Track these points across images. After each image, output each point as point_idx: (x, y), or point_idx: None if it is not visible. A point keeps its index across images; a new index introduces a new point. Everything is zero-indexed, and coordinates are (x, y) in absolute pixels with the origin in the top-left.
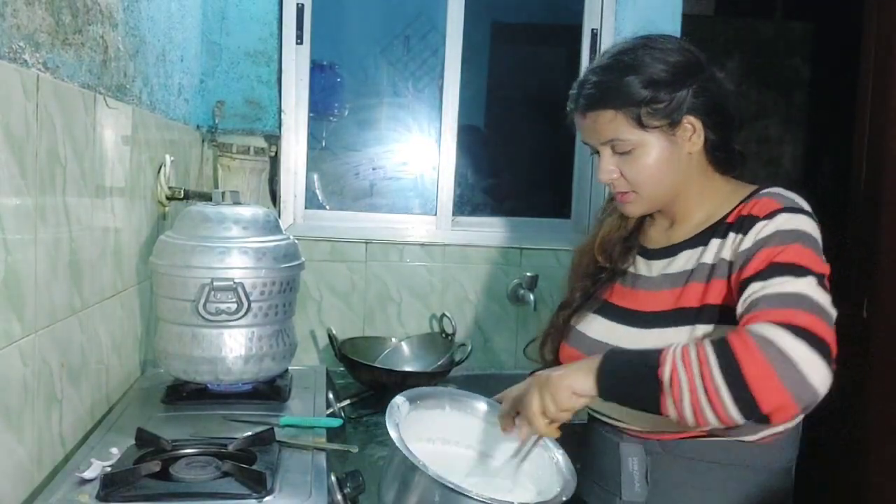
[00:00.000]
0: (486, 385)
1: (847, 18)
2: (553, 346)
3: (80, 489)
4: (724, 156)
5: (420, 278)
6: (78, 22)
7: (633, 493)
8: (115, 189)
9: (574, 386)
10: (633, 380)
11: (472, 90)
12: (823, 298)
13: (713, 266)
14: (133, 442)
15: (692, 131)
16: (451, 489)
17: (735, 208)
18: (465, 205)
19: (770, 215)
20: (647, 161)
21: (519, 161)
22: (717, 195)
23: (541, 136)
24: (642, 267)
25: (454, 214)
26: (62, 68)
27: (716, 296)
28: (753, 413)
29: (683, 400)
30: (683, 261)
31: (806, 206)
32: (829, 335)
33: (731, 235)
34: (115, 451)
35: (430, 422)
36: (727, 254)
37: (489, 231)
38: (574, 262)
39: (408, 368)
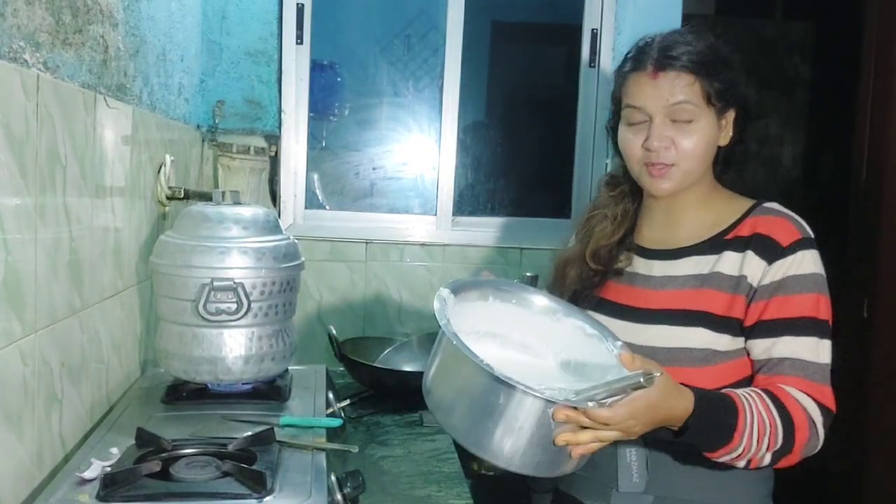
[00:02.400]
0: None
1: (847, 17)
2: None
3: (80, 489)
4: (729, 158)
5: (420, 278)
6: (78, 22)
7: (630, 483)
8: (115, 189)
9: (663, 423)
10: (709, 433)
11: (473, 90)
12: (830, 359)
13: (737, 280)
14: (133, 442)
15: (727, 123)
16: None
17: (743, 219)
18: (466, 205)
19: (793, 248)
20: (701, 136)
21: (519, 161)
22: (718, 198)
23: (541, 136)
24: (640, 265)
25: (454, 214)
26: (62, 68)
27: (739, 310)
28: None
29: (741, 460)
30: (692, 265)
31: (809, 230)
32: (833, 402)
33: (751, 255)
34: (115, 450)
35: (475, 314)
36: (750, 274)
37: (489, 231)
38: (557, 272)
39: (408, 368)
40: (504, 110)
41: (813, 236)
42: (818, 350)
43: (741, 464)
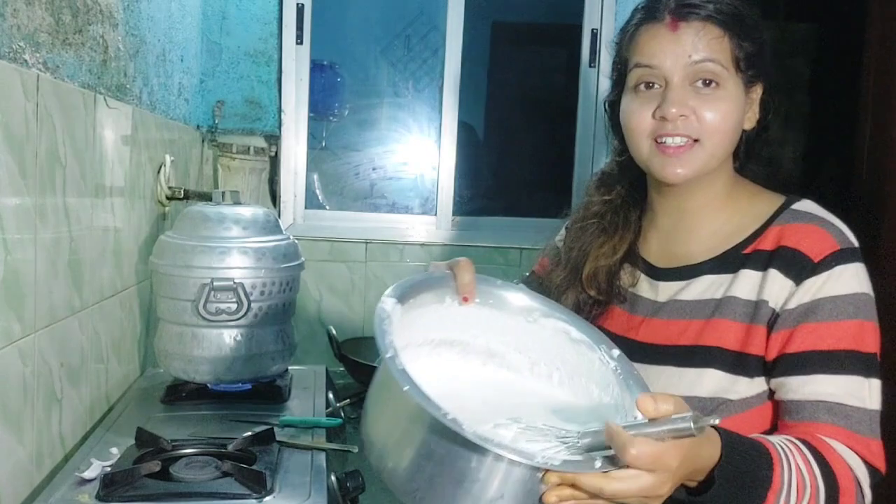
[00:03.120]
0: None
1: (849, 19)
2: None
3: (80, 489)
4: (749, 151)
5: None
6: (78, 22)
7: None
8: (115, 189)
9: (685, 479)
10: (738, 491)
11: (473, 90)
12: (880, 402)
13: (755, 306)
14: (133, 442)
15: (753, 101)
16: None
17: (766, 227)
18: (466, 205)
19: (828, 263)
20: (729, 106)
21: (519, 161)
22: (738, 198)
23: (541, 136)
24: (644, 287)
25: (454, 214)
26: (62, 68)
27: (757, 345)
28: None
29: None
30: (703, 287)
31: (853, 237)
32: (884, 461)
33: (774, 274)
34: (114, 450)
35: (428, 319)
36: (772, 298)
37: (489, 231)
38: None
39: None
40: (504, 110)
41: (857, 245)
42: (863, 392)
43: None
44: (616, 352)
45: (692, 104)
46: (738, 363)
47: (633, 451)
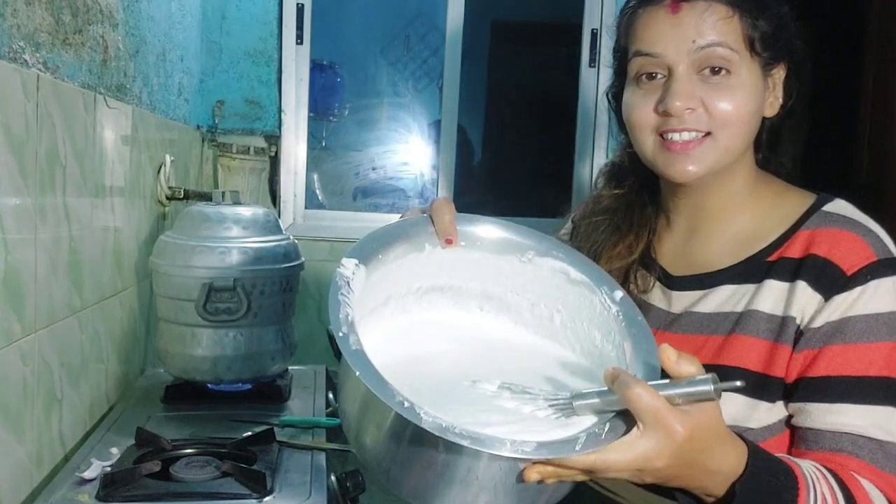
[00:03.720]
0: None
1: (849, 17)
2: None
3: (80, 489)
4: (775, 140)
5: None
6: (78, 22)
7: None
8: (115, 189)
9: (692, 480)
10: None
11: (472, 90)
12: None
13: (781, 322)
14: (133, 442)
15: (774, 86)
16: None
17: (793, 231)
18: (465, 205)
19: (863, 276)
20: (744, 94)
21: (518, 160)
22: (762, 196)
23: (541, 136)
24: (657, 295)
25: None
26: (62, 68)
27: (781, 366)
28: None
29: None
30: (723, 298)
31: (893, 246)
32: None
33: (803, 287)
34: (114, 450)
35: (410, 269)
36: (799, 315)
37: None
38: None
39: None
40: (504, 110)
41: (895, 254)
42: (891, 424)
43: None
44: (619, 294)
45: (700, 95)
46: (759, 386)
47: (637, 389)
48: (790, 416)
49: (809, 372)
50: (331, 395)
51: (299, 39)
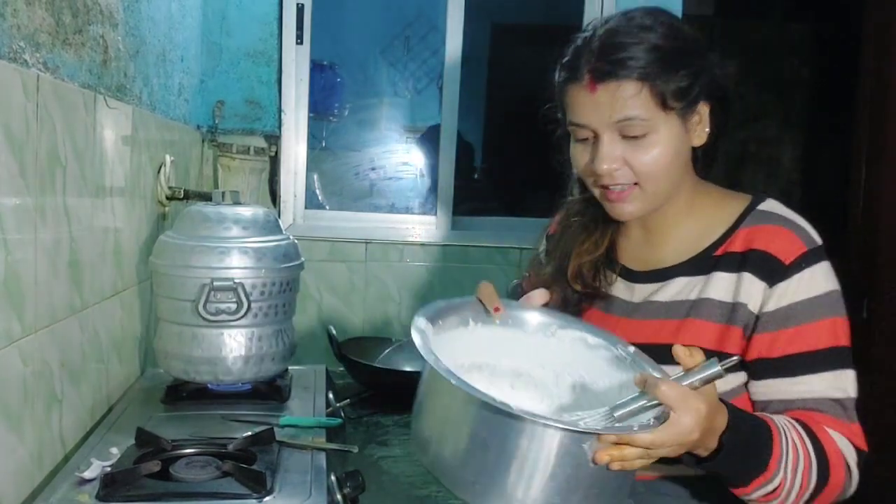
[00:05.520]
0: None
1: (846, 19)
2: None
3: (80, 489)
4: (711, 154)
5: (420, 278)
6: (78, 22)
7: None
8: (115, 189)
9: (703, 440)
10: (744, 458)
11: (472, 90)
12: (856, 388)
13: (731, 308)
14: (133, 442)
15: (699, 120)
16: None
17: (734, 230)
18: (466, 205)
19: (798, 265)
20: (660, 149)
21: (519, 161)
22: (704, 203)
23: (541, 136)
24: (620, 288)
25: (454, 214)
26: (62, 68)
27: (733, 344)
28: None
29: (774, 498)
30: (677, 289)
31: (817, 236)
32: (864, 439)
33: (748, 277)
34: (115, 450)
35: (455, 344)
36: (749, 301)
37: (489, 231)
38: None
39: (408, 368)
40: (504, 111)
41: (821, 243)
42: (843, 383)
43: (773, 502)
44: (631, 348)
45: (623, 154)
46: None
47: (663, 387)
48: (748, 386)
49: (772, 353)
50: (331, 395)
51: (299, 39)
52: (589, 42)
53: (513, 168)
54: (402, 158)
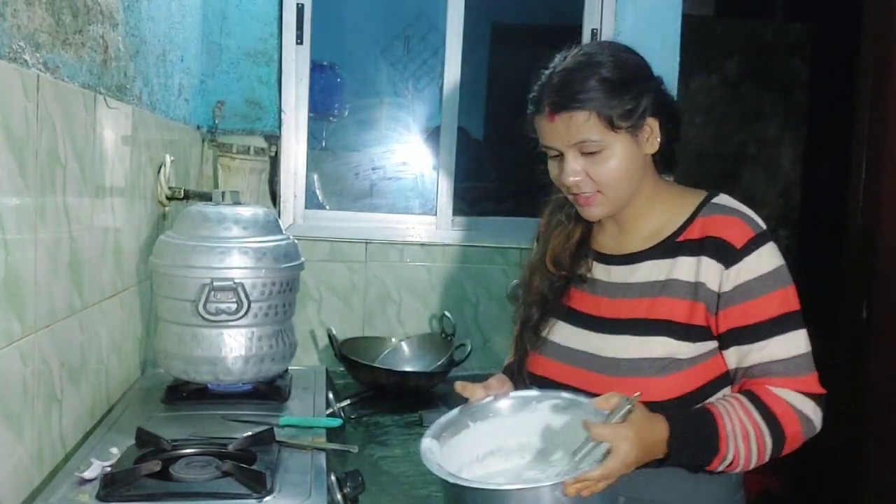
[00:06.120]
0: None
1: (846, 20)
2: (522, 360)
3: (80, 489)
4: (669, 157)
5: (420, 278)
6: (78, 22)
7: None
8: (115, 189)
9: (651, 452)
10: (694, 449)
11: (473, 90)
12: (809, 343)
13: (695, 286)
14: (133, 442)
15: (650, 133)
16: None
17: (692, 219)
18: (466, 205)
19: (748, 248)
20: (615, 162)
21: (519, 161)
22: (665, 198)
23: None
24: (600, 272)
25: (454, 214)
26: (62, 68)
27: (700, 317)
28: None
29: (736, 466)
30: (648, 270)
31: (762, 222)
32: (819, 384)
33: (706, 260)
34: (115, 450)
35: (466, 444)
36: (708, 280)
37: (489, 231)
38: (525, 279)
39: (407, 368)
40: (504, 111)
41: (765, 228)
42: (795, 343)
43: (738, 469)
44: (590, 400)
45: (584, 168)
46: (684, 332)
47: (596, 430)
48: (720, 354)
49: (734, 325)
50: (331, 395)
51: (299, 39)
52: (550, 79)
53: (513, 167)
54: (402, 158)
